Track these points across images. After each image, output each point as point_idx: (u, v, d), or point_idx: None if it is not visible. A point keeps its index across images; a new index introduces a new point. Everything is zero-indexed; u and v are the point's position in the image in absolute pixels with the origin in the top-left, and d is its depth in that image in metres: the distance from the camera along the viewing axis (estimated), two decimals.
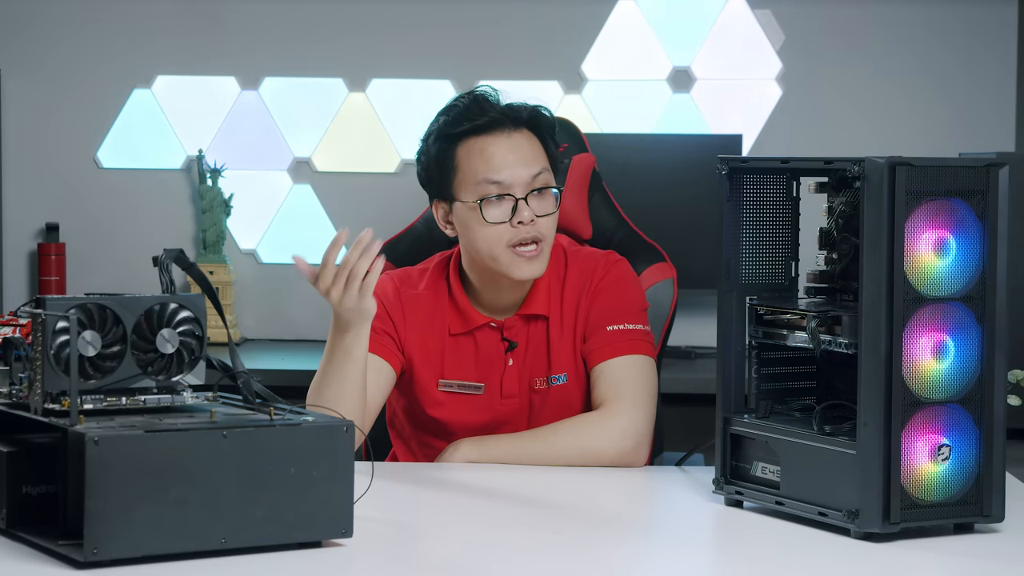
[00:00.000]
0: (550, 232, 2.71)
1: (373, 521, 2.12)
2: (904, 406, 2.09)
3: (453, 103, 2.76)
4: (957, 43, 4.69)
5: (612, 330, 2.73)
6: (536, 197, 2.69)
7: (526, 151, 2.70)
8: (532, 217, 2.67)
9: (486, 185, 2.68)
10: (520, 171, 2.68)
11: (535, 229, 2.68)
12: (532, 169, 2.69)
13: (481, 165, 2.69)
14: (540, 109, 2.75)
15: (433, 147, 2.75)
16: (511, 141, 2.71)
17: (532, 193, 2.68)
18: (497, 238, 2.68)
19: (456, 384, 2.76)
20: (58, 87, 4.75)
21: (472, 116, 2.71)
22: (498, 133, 2.70)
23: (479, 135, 2.70)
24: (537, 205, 2.69)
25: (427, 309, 2.77)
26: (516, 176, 2.68)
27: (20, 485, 1.98)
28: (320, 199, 4.77)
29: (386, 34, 4.73)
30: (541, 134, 2.74)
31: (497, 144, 2.70)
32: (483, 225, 2.68)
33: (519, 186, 2.68)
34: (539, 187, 2.69)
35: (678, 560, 2.10)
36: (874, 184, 2.08)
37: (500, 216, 2.67)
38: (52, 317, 1.94)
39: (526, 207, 2.67)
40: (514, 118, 2.72)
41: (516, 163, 2.69)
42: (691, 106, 4.73)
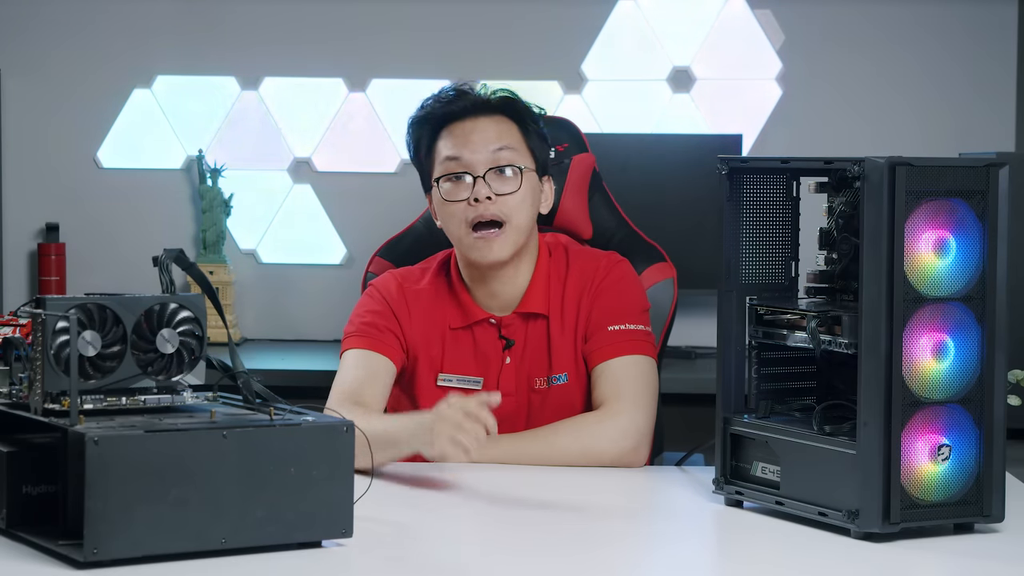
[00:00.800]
0: (514, 213, 2.70)
1: (373, 521, 2.12)
2: (904, 406, 2.09)
3: (433, 93, 2.80)
4: (957, 43, 4.69)
5: (613, 330, 2.73)
6: (497, 176, 2.69)
7: (491, 131, 2.73)
8: (489, 194, 2.67)
9: (447, 162, 2.72)
10: (480, 147, 2.70)
11: (495, 207, 2.68)
12: (494, 145, 2.70)
13: (447, 144, 2.73)
14: (511, 95, 2.77)
15: (413, 135, 2.80)
16: (477, 123, 2.73)
17: (493, 171, 2.69)
18: (458, 218, 2.70)
19: (455, 378, 2.76)
20: (58, 87, 4.75)
21: (448, 101, 2.75)
22: (469, 118, 2.74)
23: (452, 122, 2.74)
24: (499, 184, 2.69)
25: (429, 303, 2.77)
26: (476, 152, 2.70)
27: (20, 485, 1.98)
28: (320, 199, 4.77)
29: (386, 34, 4.73)
30: (519, 118, 2.75)
31: (464, 126, 2.73)
32: (445, 204, 2.71)
33: (480, 164, 2.70)
34: (501, 164, 2.69)
35: (678, 560, 2.10)
36: (874, 184, 2.08)
37: (457, 193, 2.70)
38: (52, 317, 1.94)
39: (484, 184, 2.68)
40: (484, 103, 2.75)
41: (478, 141, 2.71)
42: (691, 106, 4.73)
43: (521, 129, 2.75)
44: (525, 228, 2.72)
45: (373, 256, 3.04)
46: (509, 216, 2.69)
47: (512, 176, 2.70)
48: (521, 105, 2.77)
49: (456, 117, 2.74)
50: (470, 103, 2.74)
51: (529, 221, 2.73)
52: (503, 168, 2.70)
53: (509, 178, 2.70)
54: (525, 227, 2.72)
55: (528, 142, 2.75)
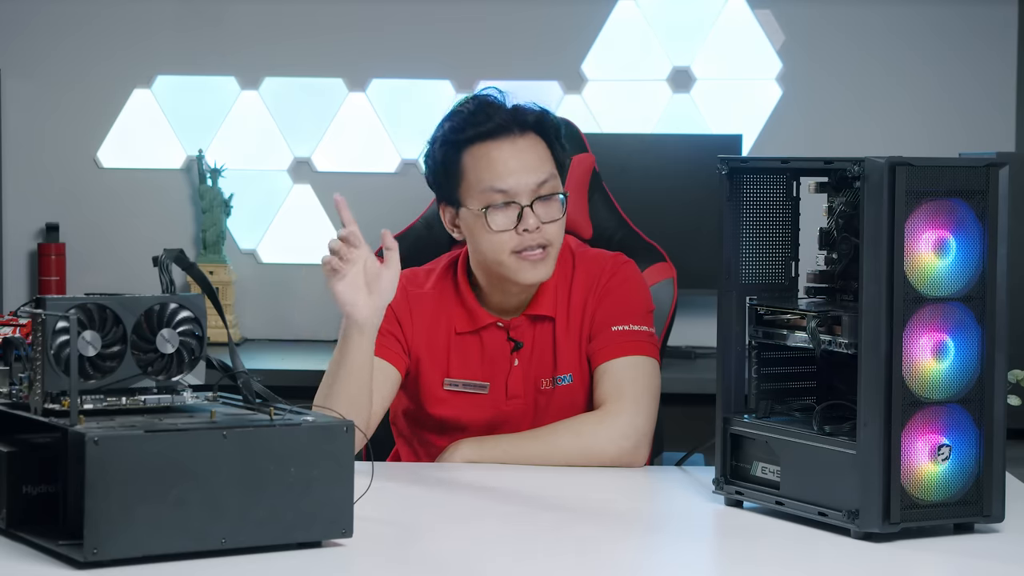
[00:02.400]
0: (557, 237, 2.70)
1: (373, 521, 2.12)
2: (904, 406, 2.09)
3: (458, 108, 2.75)
4: (957, 43, 4.69)
5: (617, 331, 2.73)
6: (542, 203, 2.68)
7: (531, 157, 2.69)
8: (538, 224, 2.66)
9: (491, 194, 2.67)
10: (525, 178, 2.68)
11: (541, 235, 2.67)
12: (538, 176, 2.68)
13: (486, 173, 2.68)
14: (547, 112, 2.74)
15: (439, 153, 2.74)
16: (515, 147, 2.69)
17: (538, 200, 2.68)
18: (502, 245, 2.67)
19: (461, 383, 2.76)
20: (58, 87, 4.75)
21: (477, 122, 2.70)
22: (503, 139, 2.69)
23: (484, 141, 2.69)
24: (543, 211, 2.68)
25: (434, 307, 2.77)
26: (521, 183, 2.67)
27: (20, 485, 1.98)
28: (320, 199, 4.77)
29: (386, 34, 4.73)
30: (548, 137, 2.73)
31: (501, 150, 2.69)
32: (489, 232, 2.67)
33: (524, 193, 2.67)
34: (545, 194, 2.68)
35: (678, 560, 2.10)
36: (874, 184, 2.08)
37: (505, 224, 2.67)
38: (52, 317, 1.94)
39: (531, 214, 2.66)
40: (520, 122, 2.71)
41: (521, 170, 2.68)
42: (691, 106, 4.73)
43: (551, 149, 2.73)
44: (560, 248, 2.72)
45: None
46: (553, 240, 2.69)
47: (557, 203, 2.69)
48: (550, 123, 2.74)
49: (487, 137, 2.69)
50: (500, 124, 2.69)
51: (562, 241, 2.73)
52: (550, 196, 2.69)
53: (552, 205, 2.69)
54: (560, 247, 2.72)
55: (557, 162, 2.74)
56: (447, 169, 2.72)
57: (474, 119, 2.70)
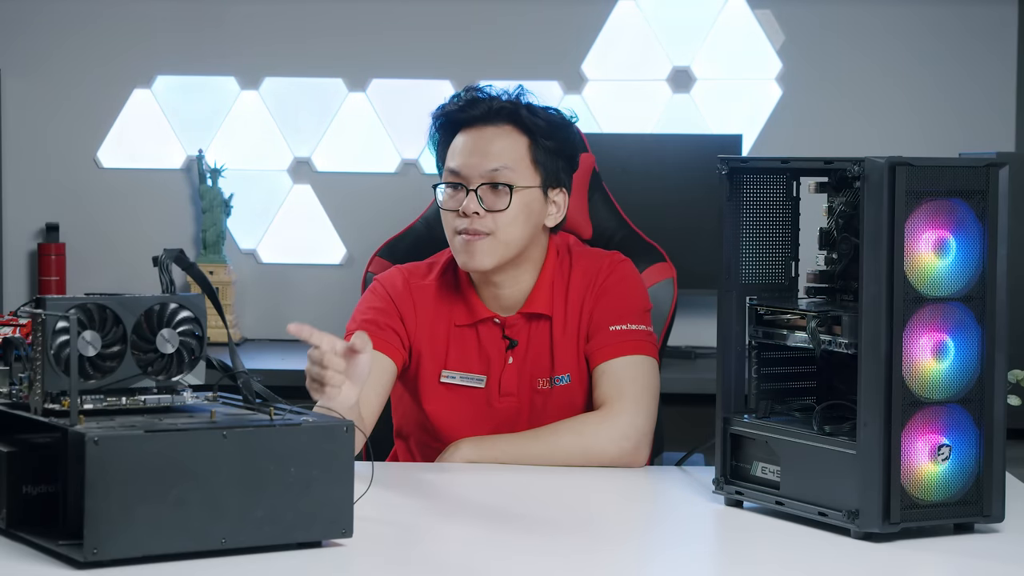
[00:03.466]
0: (502, 229, 2.69)
1: (373, 521, 2.12)
2: (904, 406, 2.09)
3: (455, 93, 2.80)
4: (957, 43, 4.69)
5: (615, 330, 2.73)
6: (490, 190, 2.70)
7: (494, 145, 2.72)
8: (477, 209, 2.68)
9: (447, 172, 2.75)
10: (478, 162, 2.71)
11: (479, 222, 2.69)
12: (492, 162, 2.70)
13: (449, 153, 2.75)
14: (522, 108, 2.74)
15: (434, 132, 2.81)
16: (482, 134, 2.73)
17: (486, 186, 2.69)
18: (449, 223, 2.73)
19: (458, 376, 2.76)
20: (58, 87, 4.75)
21: (459, 110, 2.75)
22: (476, 127, 2.74)
23: (465, 128, 2.75)
24: (491, 199, 2.69)
25: (435, 299, 2.78)
26: (472, 166, 2.71)
27: (20, 485, 1.98)
28: (320, 199, 4.77)
29: (386, 34, 4.73)
30: (528, 131, 2.73)
31: (468, 135, 2.74)
32: (442, 211, 2.74)
33: (473, 177, 2.71)
34: (496, 181, 2.70)
35: (678, 560, 2.10)
36: (874, 184, 2.08)
37: (449, 203, 2.72)
38: (52, 317, 1.94)
39: (473, 198, 2.69)
40: (496, 112, 2.74)
41: (476, 154, 2.71)
42: (691, 106, 4.73)
43: (530, 142, 2.73)
44: (514, 243, 2.71)
45: (373, 256, 3.04)
46: (495, 230, 2.69)
47: (503, 193, 2.70)
48: (531, 118, 2.74)
49: (466, 124, 2.74)
50: (481, 112, 2.73)
51: (520, 237, 2.71)
52: (496, 184, 2.70)
53: (501, 195, 2.70)
54: (514, 242, 2.71)
55: (534, 156, 2.73)
56: (438, 150, 2.80)
57: (458, 106, 2.76)
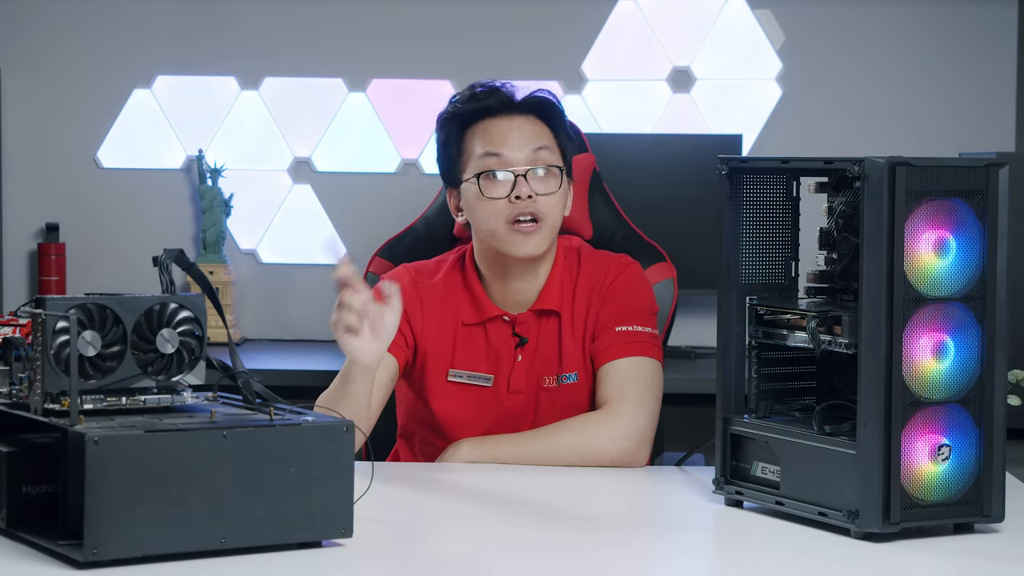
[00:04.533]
0: (551, 212, 2.71)
1: (373, 521, 2.12)
2: (904, 406, 2.09)
3: (466, 88, 2.80)
4: (957, 43, 4.69)
5: (620, 331, 2.73)
6: (537, 175, 2.70)
7: (529, 130, 2.73)
8: (531, 193, 2.68)
9: (486, 159, 2.71)
10: (521, 146, 2.71)
11: (534, 206, 2.69)
12: (533, 144, 2.71)
13: (483, 141, 2.73)
14: (552, 99, 2.78)
15: (443, 131, 2.79)
16: (513, 122, 2.74)
17: (532, 171, 2.69)
18: (496, 213, 2.69)
19: (466, 375, 2.76)
20: (58, 87, 4.75)
21: (479, 99, 2.75)
22: (503, 115, 2.74)
23: (484, 118, 2.74)
24: (537, 184, 2.70)
25: (442, 298, 2.78)
26: (516, 151, 2.71)
27: (20, 485, 1.98)
28: (320, 199, 4.77)
29: (386, 34, 4.73)
30: (551, 122, 2.75)
31: (500, 123, 2.74)
32: (483, 200, 2.70)
33: (519, 161, 2.70)
34: (540, 165, 2.70)
35: (678, 560, 2.10)
36: (874, 184, 2.08)
37: (499, 191, 2.70)
38: (52, 317, 1.94)
39: (525, 183, 2.69)
40: (521, 104, 2.75)
41: (517, 139, 2.72)
42: (691, 106, 4.73)
43: (553, 131, 2.76)
44: (557, 227, 2.74)
45: (373, 256, 3.04)
46: (546, 215, 2.70)
47: (550, 176, 2.71)
48: (554, 107, 2.78)
49: (488, 114, 2.74)
50: (503, 100, 2.74)
51: (560, 221, 2.74)
52: (542, 168, 2.71)
53: (547, 178, 2.71)
54: (557, 226, 2.74)
55: (560, 144, 2.76)
56: (449, 146, 2.77)
57: (476, 97, 2.76)
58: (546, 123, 2.76)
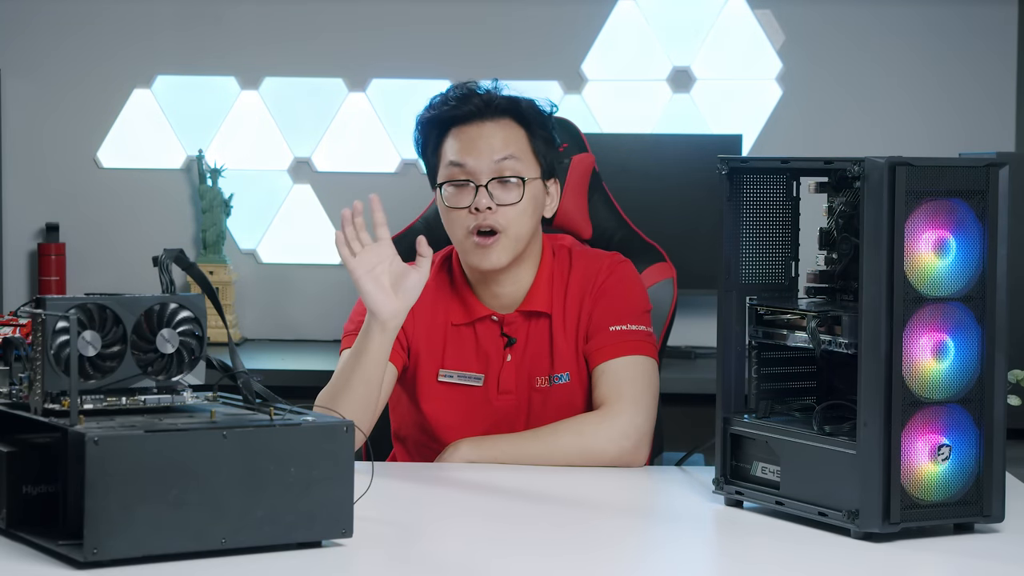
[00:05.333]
0: (513, 224, 2.70)
1: (373, 521, 2.12)
2: (904, 406, 2.09)
3: (440, 93, 2.79)
4: (957, 43, 4.69)
5: (614, 330, 2.73)
6: (500, 185, 2.69)
7: (497, 138, 2.72)
8: (489, 204, 2.68)
9: (451, 168, 2.73)
10: (484, 155, 2.70)
11: (492, 218, 2.68)
12: (499, 154, 2.70)
13: (450, 149, 2.73)
14: (521, 100, 2.76)
15: (419, 133, 2.81)
16: (483, 129, 2.73)
17: (495, 181, 2.69)
18: (458, 223, 2.71)
19: (456, 375, 2.76)
20: (58, 87, 4.76)
21: (453, 106, 2.75)
22: (474, 122, 2.73)
23: (457, 125, 2.74)
24: (500, 193, 2.69)
25: (432, 299, 2.78)
26: (480, 160, 2.70)
27: (20, 485, 1.98)
28: (320, 199, 4.77)
29: (386, 34, 4.73)
30: (526, 123, 2.74)
31: (469, 131, 2.73)
32: (448, 210, 2.73)
33: (482, 173, 2.70)
34: (504, 175, 2.69)
35: (678, 560, 2.10)
36: (874, 184, 2.08)
37: (459, 200, 2.71)
38: (52, 317, 1.94)
39: (485, 194, 2.69)
40: (493, 107, 2.74)
41: (482, 148, 2.71)
42: (691, 106, 4.73)
43: (528, 133, 2.75)
44: (524, 236, 2.72)
45: None
46: (507, 226, 2.69)
47: (514, 186, 2.70)
48: (528, 109, 2.76)
49: (462, 120, 2.73)
50: (476, 107, 2.73)
51: (529, 230, 2.73)
52: (506, 178, 2.70)
53: (511, 188, 2.70)
54: (524, 235, 2.72)
55: (534, 147, 2.75)
56: (426, 150, 2.79)
57: (448, 103, 2.76)
58: (522, 126, 2.74)
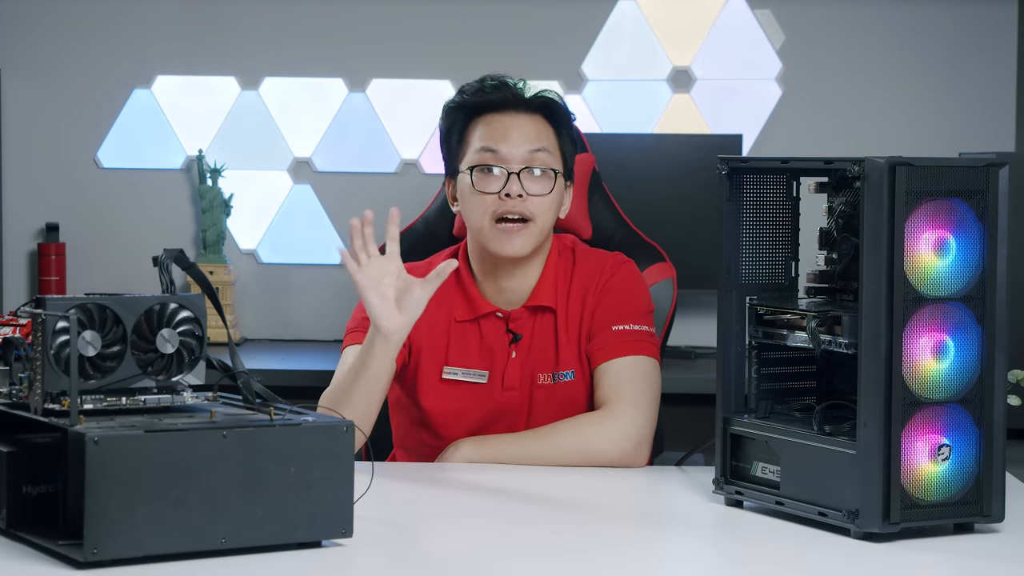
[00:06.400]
0: (542, 214, 2.71)
1: (373, 521, 2.12)
2: (904, 406, 2.09)
3: (476, 80, 2.81)
4: (957, 43, 4.69)
5: (617, 330, 2.73)
6: (531, 175, 2.70)
7: (530, 129, 2.74)
8: (521, 192, 2.68)
9: (483, 153, 2.73)
10: (518, 144, 2.72)
11: (522, 205, 2.69)
12: (532, 145, 2.71)
13: (483, 134, 2.74)
14: (554, 98, 2.79)
15: (447, 119, 2.80)
16: (517, 119, 2.75)
17: (527, 171, 2.69)
18: (484, 208, 2.70)
19: (460, 372, 2.76)
20: (58, 87, 4.75)
21: (487, 92, 2.77)
22: (508, 111, 2.75)
23: (490, 112, 2.75)
24: (530, 184, 2.70)
25: (435, 296, 2.77)
26: (513, 149, 2.71)
27: (20, 485, 1.98)
28: (320, 199, 4.77)
29: (386, 34, 4.73)
30: (556, 124, 2.76)
31: (503, 119, 2.75)
32: (474, 194, 2.72)
33: (515, 160, 2.71)
34: (536, 166, 2.70)
35: (678, 560, 2.10)
36: (874, 184, 2.08)
37: (491, 186, 2.71)
38: (52, 317, 1.94)
39: (517, 181, 2.69)
40: (528, 102, 2.76)
41: (517, 137, 2.72)
42: (691, 106, 4.73)
43: (556, 133, 2.77)
44: (547, 229, 2.74)
45: None
46: (535, 215, 2.70)
47: (546, 178, 2.71)
48: (561, 109, 2.78)
49: (494, 108, 2.75)
50: (510, 96, 2.75)
51: (552, 223, 2.75)
52: (540, 168, 2.71)
53: (541, 179, 2.71)
54: (547, 228, 2.74)
55: (561, 146, 2.76)
56: (450, 136, 2.78)
57: (484, 90, 2.77)
58: (551, 125, 2.77)
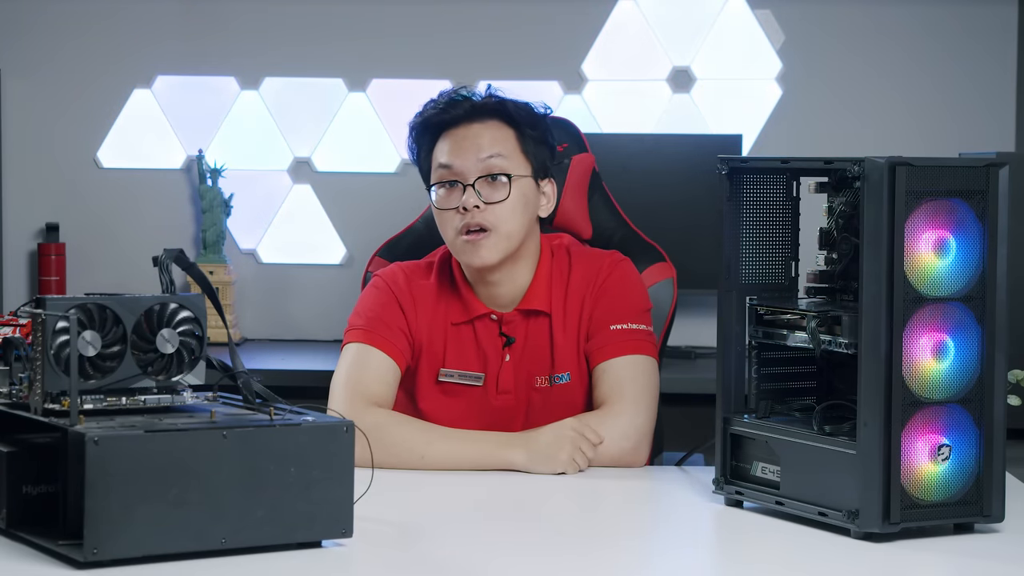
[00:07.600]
0: (502, 221, 2.70)
1: (373, 521, 2.12)
2: (904, 406, 2.09)
3: (432, 99, 2.81)
4: (957, 43, 4.69)
5: (615, 330, 2.73)
6: (486, 183, 2.70)
7: (483, 138, 2.73)
8: (476, 203, 2.69)
9: (440, 170, 2.74)
10: (470, 155, 2.72)
11: (480, 216, 2.69)
12: (485, 153, 2.71)
13: (441, 151, 2.75)
14: (508, 100, 2.77)
15: (412, 138, 2.82)
16: (470, 131, 2.75)
17: (485, 179, 2.69)
18: (450, 224, 2.72)
19: (457, 374, 2.76)
20: (59, 87, 4.75)
21: (441, 109, 2.76)
22: (462, 126, 2.75)
23: (447, 129, 2.75)
24: (490, 192, 2.70)
25: (433, 298, 2.78)
26: (466, 161, 2.72)
27: (20, 485, 1.98)
28: (320, 199, 4.77)
29: (386, 34, 4.73)
30: (514, 124, 2.75)
31: (457, 134, 2.75)
32: (439, 211, 2.74)
33: (470, 172, 2.71)
34: (490, 173, 2.70)
35: (678, 560, 2.10)
36: (874, 184, 2.08)
37: (449, 201, 2.72)
38: (52, 317, 1.94)
39: (472, 193, 2.70)
40: (480, 110, 2.76)
41: (468, 148, 2.72)
42: (691, 106, 4.73)
43: (517, 133, 2.75)
44: (515, 234, 2.72)
45: (373, 256, 3.04)
46: (496, 224, 2.70)
47: (501, 184, 2.71)
48: (516, 110, 2.76)
49: (452, 124, 2.75)
50: (464, 110, 2.75)
51: (520, 227, 2.73)
52: (493, 176, 2.71)
53: (498, 186, 2.71)
54: (515, 233, 2.72)
55: (523, 147, 2.75)
56: (419, 155, 2.80)
57: (439, 107, 2.77)
58: (510, 126, 2.75)
